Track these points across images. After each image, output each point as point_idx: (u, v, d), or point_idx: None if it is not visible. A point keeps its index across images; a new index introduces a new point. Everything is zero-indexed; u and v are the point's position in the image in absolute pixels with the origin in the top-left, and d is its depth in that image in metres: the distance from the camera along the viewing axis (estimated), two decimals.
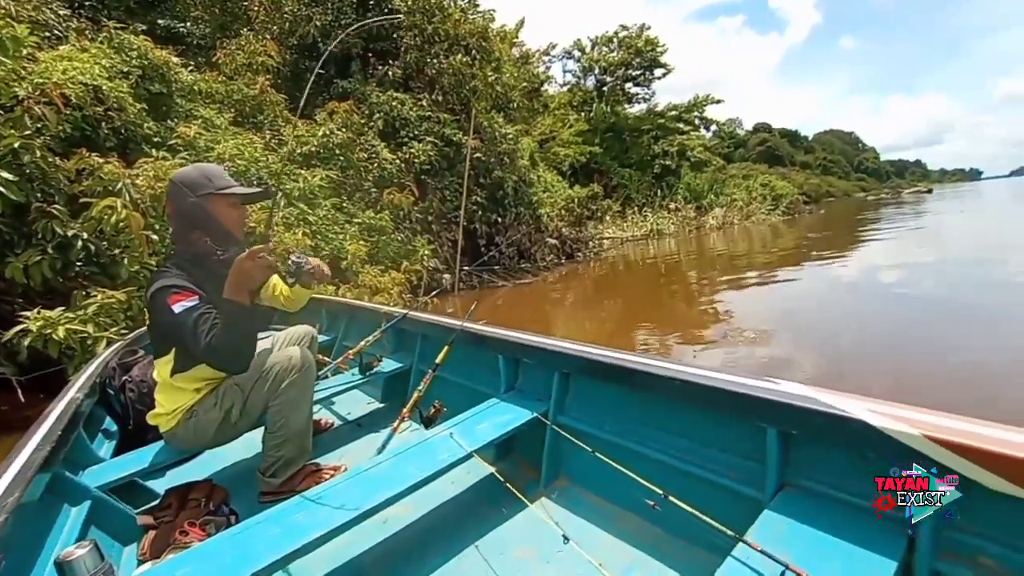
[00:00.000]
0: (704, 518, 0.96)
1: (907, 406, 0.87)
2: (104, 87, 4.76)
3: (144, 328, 3.35)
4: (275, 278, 1.90)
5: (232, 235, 1.60)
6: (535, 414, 1.56)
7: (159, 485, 1.84)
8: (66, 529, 1.42)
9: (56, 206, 3.69)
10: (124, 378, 2.26)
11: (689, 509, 1.00)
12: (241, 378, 1.60)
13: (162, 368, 1.60)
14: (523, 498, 1.22)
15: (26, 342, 3.24)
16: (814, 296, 7.02)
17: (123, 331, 3.56)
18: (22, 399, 3.47)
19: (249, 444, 2.08)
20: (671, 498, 1.05)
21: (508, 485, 1.26)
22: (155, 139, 5.45)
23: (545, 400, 1.62)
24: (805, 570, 0.80)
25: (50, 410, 1.67)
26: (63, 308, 3.48)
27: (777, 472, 1.05)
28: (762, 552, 0.84)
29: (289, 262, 1.73)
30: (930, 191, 62.65)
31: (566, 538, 1.11)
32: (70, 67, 4.58)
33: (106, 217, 3.56)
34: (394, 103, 9.34)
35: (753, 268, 9.74)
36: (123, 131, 5.08)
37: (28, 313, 3.34)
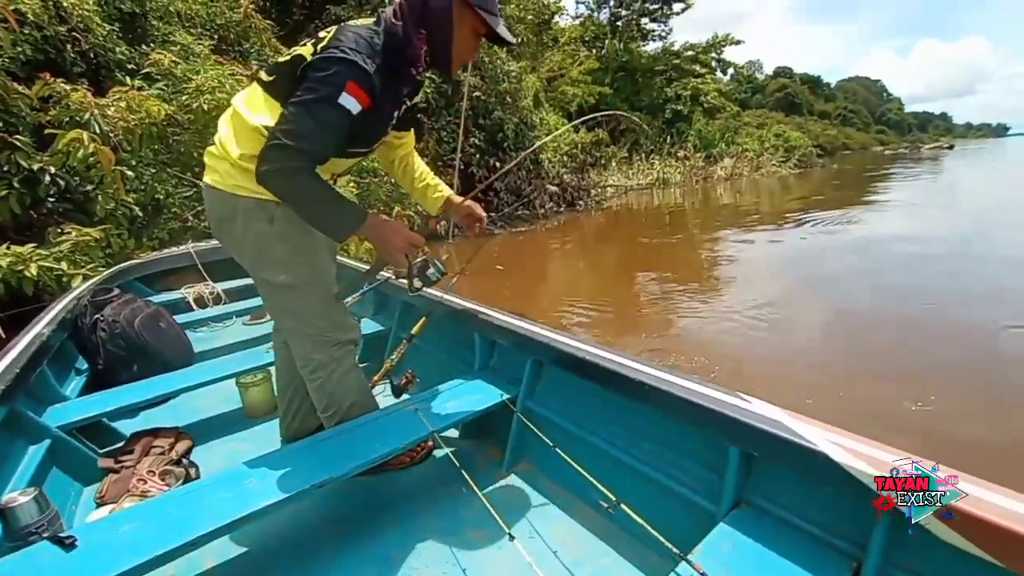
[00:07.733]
0: (653, 532, 0.97)
1: (873, 442, 0.84)
2: (65, 3, 4.38)
3: (120, 266, 3.29)
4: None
5: (451, 63, 1.24)
6: (505, 397, 1.55)
7: (126, 428, 1.83)
8: (21, 466, 1.40)
9: (19, 136, 3.48)
10: (96, 316, 2.20)
11: (639, 520, 1.01)
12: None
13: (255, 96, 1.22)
14: (478, 483, 1.22)
15: None
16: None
17: (100, 269, 3.45)
18: (2, 335, 3.45)
19: (222, 395, 2.07)
20: (623, 505, 1.06)
21: (466, 470, 1.26)
22: (129, 65, 5.10)
23: (517, 384, 1.60)
24: None
25: (13, 344, 1.61)
26: (35, 245, 3.37)
27: (735, 489, 1.06)
28: (703, 575, 0.85)
29: (430, 271, 1.47)
30: (951, 147, 60.50)
31: (526, 523, 1.12)
32: None
33: (72, 151, 3.37)
34: None
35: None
36: (93, 55, 4.74)
37: None
